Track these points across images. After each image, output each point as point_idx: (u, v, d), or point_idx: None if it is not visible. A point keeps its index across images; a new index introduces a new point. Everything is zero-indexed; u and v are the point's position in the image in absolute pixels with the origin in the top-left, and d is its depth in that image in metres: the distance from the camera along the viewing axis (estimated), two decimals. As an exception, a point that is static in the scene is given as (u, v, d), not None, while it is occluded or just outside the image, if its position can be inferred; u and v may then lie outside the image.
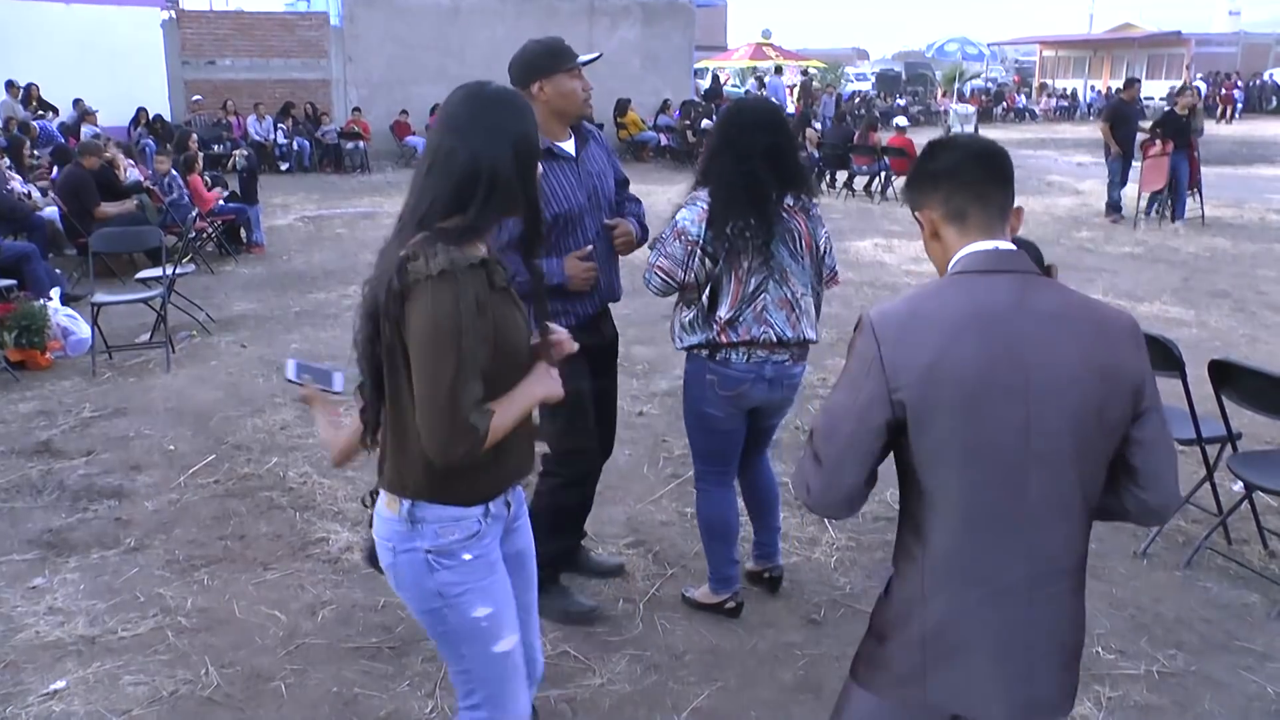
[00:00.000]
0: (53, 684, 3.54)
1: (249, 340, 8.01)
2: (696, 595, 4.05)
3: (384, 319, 2.10)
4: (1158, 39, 43.72)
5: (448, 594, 2.27)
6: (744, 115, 3.62)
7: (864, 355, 1.93)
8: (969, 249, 1.99)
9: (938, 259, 2.07)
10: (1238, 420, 4.47)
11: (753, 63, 34.25)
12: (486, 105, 2.17)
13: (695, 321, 3.59)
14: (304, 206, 15.50)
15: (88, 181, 10.08)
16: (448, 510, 2.24)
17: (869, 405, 1.91)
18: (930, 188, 2.06)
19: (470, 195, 2.12)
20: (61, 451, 5.68)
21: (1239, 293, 9.63)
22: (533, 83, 3.54)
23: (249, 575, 4.31)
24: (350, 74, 22.24)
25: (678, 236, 3.51)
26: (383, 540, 2.30)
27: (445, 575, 2.26)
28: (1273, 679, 3.59)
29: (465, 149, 2.12)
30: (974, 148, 2.10)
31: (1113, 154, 14.24)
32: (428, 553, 2.25)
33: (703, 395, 3.69)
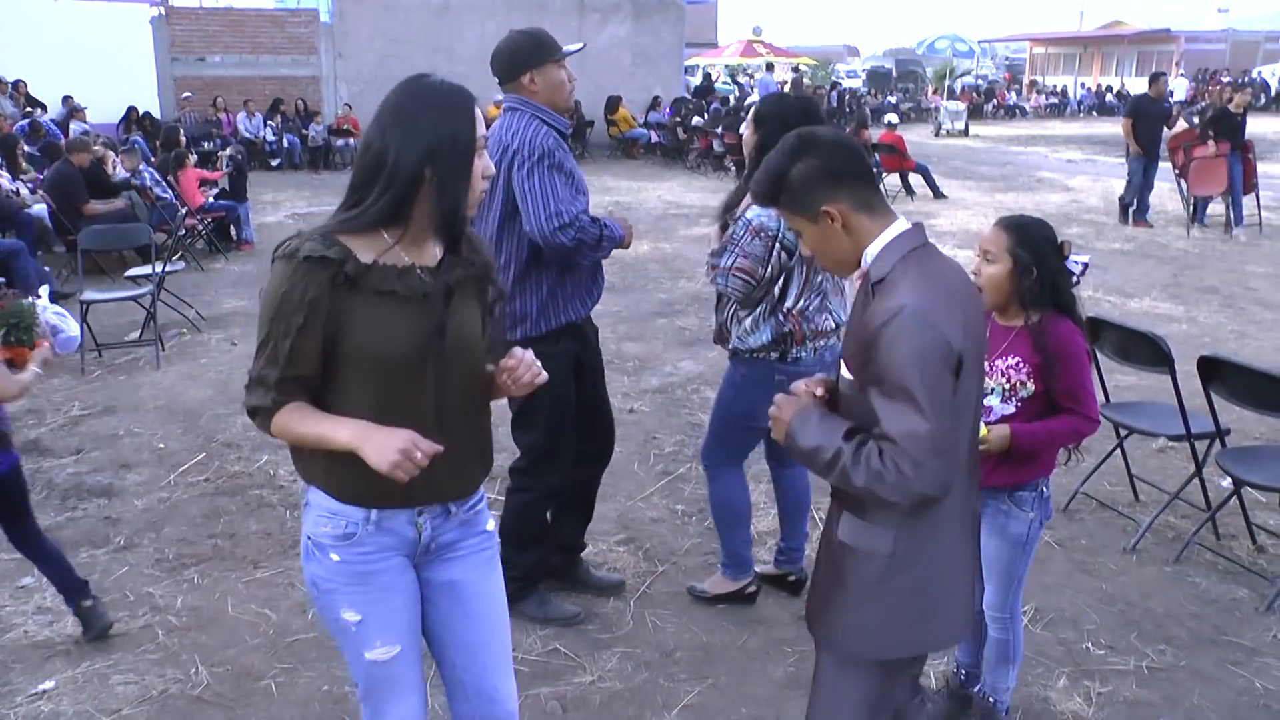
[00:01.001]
0: (41, 684, 3.53)
1: (239, 338, 7.98)
2: (708, 587, 4.05)
3: None
4: (1147, 36, 43.88)
5: (320, 585, 2.24)
6: (801, 111, 3.53)
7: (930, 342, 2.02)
8: (894, 229, 2.16)
9: (845, 250, 2.18)
10: (1226, 416, 4.49)
11: (743, 60, 34.25)
12: (414, 99, 2.08)
13: (760, 318, 3.55)
14: (294, 203, 15.47)
15: (76, 179, 10.03)
16: (325, 500, 2.19)
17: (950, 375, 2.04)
18: (832, 184, 2.14)
19: (368, 187, 2.06)
20: (50, 450, 5.66)
21: (1228, 289, 9.67)
22: (522, 74, 3.51)
23: (239, 573, 4.31)
24: (340, 70, 22.18)
25: (756, 234, 3.43)
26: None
27: (315, 567, 2.23)
28: (1260, 673, 3.60)
29: (379, 140, 2.05)
30: (847, 142, 2.24)
31: (1133, 153, 13.09)
32: (308, 538, 2.24)
33: (764, 397, 3.62)
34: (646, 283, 9.90)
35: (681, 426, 5.96)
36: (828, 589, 2.31)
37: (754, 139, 3.59)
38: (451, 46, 21.59)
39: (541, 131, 3.47)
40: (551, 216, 3.38)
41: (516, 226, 3.49)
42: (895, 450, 2.01)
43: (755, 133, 3.59)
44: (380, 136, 2.05)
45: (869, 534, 2.19)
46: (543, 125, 3.50)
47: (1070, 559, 4.42)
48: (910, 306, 2.00)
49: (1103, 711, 3.40)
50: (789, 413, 2.22)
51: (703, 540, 4.57)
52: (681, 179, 18.03)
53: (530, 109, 3.53)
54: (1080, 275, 3.04)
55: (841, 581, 2.26)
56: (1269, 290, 9.58)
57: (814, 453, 2.15)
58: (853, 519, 2.22)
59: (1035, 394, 2.91)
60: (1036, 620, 3.92)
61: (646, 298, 9.24)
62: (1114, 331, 4.73)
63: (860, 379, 2.12)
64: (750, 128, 3.64)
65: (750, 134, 3.63)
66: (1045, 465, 3.01)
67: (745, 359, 3.64)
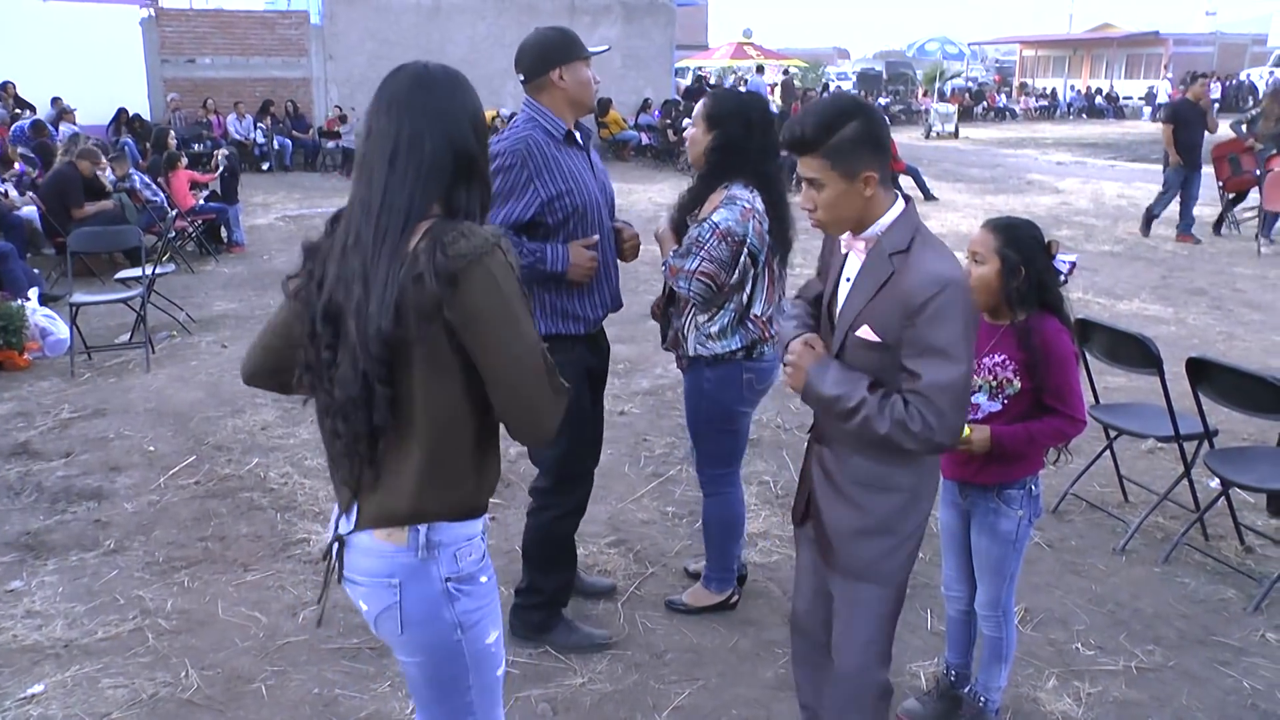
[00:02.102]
0: (31, 688, 3.51)
1: (230, 340, 7.97)
2: (688, 600, 4.02)
3: (422, 319, 1.84)
4: (1136, 39, 44.04)
5: (466, 623, 2.05)
6: (761, 110, 3.55)
7: (972, 311, 2.32)
8: (900, 205, 2.40)
9: (856, 213, 2.35)
10: (1214, 417, 4.51)
11: (734, 62, 34.28)
12: (440, 84, 1.98)
13: (729, 327, 3.52)
14: (285, 205, 15.44)
15: (76, 181, 9.95)
16: (463, 528, 2.02)
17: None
18: (875, 151, 2.32)
19: (454, 181, 1.94)
20: (40, 453, 5.64)
21: (1216, 290, 9.71)
22: (552, 69, 3.36)
23: (229, 576, 4.30)
24: (331, 72, 22.15)
25: (722, 238, 3.37)
26: (378, 579, 2.02)
27: (463, 605, 2.04)
28: (1248, 673, 3.62)
29: (432, 133, 1.92)
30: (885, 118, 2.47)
31: (1172, 162, 12.04)
32: (447, 581, 2.01)
33: (738, 396, 3.66)
34: (637, 284, 9.89)
35: (672, 428, 5.96)
36: (851, 527, 2.52)
37: (708, 139, 3.50)
38: (442, 48, 21.57)
39: (516, 139, 3.30)
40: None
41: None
42: (924, 403, 2.25)
43: (709, 131, 3.50)
44: (429, 128, 1.92)
45: (892, 474, 2.46)
46: (534, 126, 3.35)
47: (1060, 559, 4.43)
48: (957, 280, 2.26)
49: (1092, 712, 3.41)
50: (807, 361, 2.43)
51: (693, 542, 4.58)
52: (672, 181, 18.01)
53: (532, 110, 3.39)
54: (1068, 275, 3.05)
55: (867, 516, 2.50)
56: (1256, 292, 9.63)
57: (834, 400, 2.36)
58: (867, 461, 2.46)
59: (1022, 391, 2.93)
60: (1026, 621, 3.93)
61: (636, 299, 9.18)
62: (1103, 333, 4.75)
63: (887, 338, 2.31)
64: (702, 126, 3.52)
65: (703, 133, 3.52)
66: (1033, 464, 3.03)
67: (710, 363, 3.58)
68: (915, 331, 2.25)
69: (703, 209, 3.49)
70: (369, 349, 1.86)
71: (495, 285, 1.85)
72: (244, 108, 20.34)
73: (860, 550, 2.52)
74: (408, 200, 1.89)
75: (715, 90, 3.79)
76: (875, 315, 2.33)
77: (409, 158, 1.91)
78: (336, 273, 1.92)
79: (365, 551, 2.03)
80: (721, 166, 3.49)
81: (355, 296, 1.87)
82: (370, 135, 1.96)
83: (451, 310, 1.84)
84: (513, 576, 3.88)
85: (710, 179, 3.51)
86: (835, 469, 2.53)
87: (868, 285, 2.36)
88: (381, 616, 2.05)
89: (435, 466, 1.96)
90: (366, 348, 1.86)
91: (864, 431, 2.32)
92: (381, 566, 2.01)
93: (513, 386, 1.91)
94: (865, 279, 2.38)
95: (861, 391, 2.32)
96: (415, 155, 1.91)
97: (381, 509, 2.00)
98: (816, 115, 2.30)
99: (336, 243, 1.95)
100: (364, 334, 1.86)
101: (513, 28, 21.92)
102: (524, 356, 1.90)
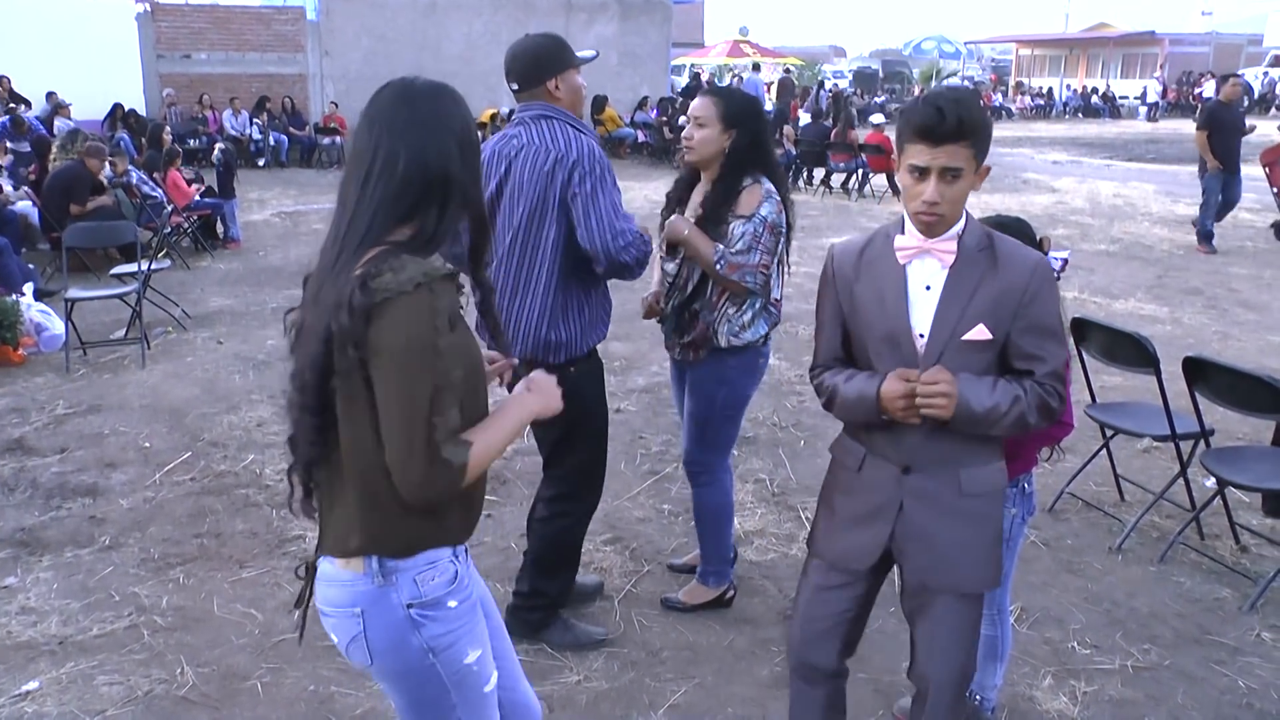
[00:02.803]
0: (25, 685, 3.50)
1: (225, 336, 7.96)
2: (685, 598, 4.01)
3: (339, 348, 1.82)
4: (1132, 39, 44.08)
5: (438, 647, 2.00)
6: (762, 107, 3.63)
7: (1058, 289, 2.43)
8: None
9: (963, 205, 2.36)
10: (1210, 416, 4.51)
11: (730, 60, 34.26)
12: (422, 99, 1.93)
13: (757, 315, 3.59)
14: (281, 201, 15.41)
15: (85, 181, 9.90)
16: (422, 555, 1.98)
17: None
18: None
19: (423, 202, 1.89)
20: (35, 449, 5.62)
21: (1211, 290, 9.72)
22: (548, 79, 3.34)
23: (225, 573, 4.29)
24: (327, 68, 22.12)
25: (771, 230, 3.46)
26: (341, 609, 1.98)
27: (430, 630, 1.99)
28: (1244, 672, 3.63)
29: (408, 151, 1.88)
30: None
31: (1210, 169, 11.49)
32: (409, 607, 1.97)
33: (755, 381, 3.76)
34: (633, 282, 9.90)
35: (668, 426, 5.96)
36: (969, 541, 2.49)
37: (726, 138, 3.49)
38: (438, 45, 21.57)
39: (592, 143, 3.31)
40: (618, 235, 3.24)
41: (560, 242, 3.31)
42: (1057, 380, 2.36)
43: (727, 131, 3.49)
44: (404, 146, 1.88)
45: (992, 475, 2.49)
46: (583, 135, 3.33)
47: (1056, 559, 4.44)
48: (1044, 261, 2.38)
49: (1088, 711, 3.42)
50: (951, 386, 2.32)
51: (689, 540, 4.57)
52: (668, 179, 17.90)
53: (563, 118, 3.34)
54: (1060, 272, 3.06)
55: (983, 527, 2.50)
56: (1252, 292, 9.64)
57: (992, 411, 2.33)
58: (977, 471, 2.46)
59: None
60: (1022, 620, 3.94)
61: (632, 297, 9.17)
62: (1099, 332, 4.75)
63: (997, 334, 2.33)
64: (718, 127, 3.49)
65: (719, 133, 3.50)
66: (1026, 461, 3.03)
67: (734, 351, 3.62)
68: (1030, 318, 2.32)
69: (739, 205, 3.49)
70: (302, 375, 1.87)
71: (401, 327, 1.79)
72: (240, 103, 20.30)
73: (986, 561, 2.51)
74: (368, 223, 1.87)
75: (718, 89, 3.76)
76: (983, 313, 2.33)
77: (380, 178, 1.88)
78: (304, 296, 1.94)
79: (329, 580, 2.00)
80: (747, 163, 3.53)
81: (304, 321, 1.88)
82: (352, 154, 1.94)
83: (360, 346, 1.80)
84: (509, 573, 3.87)
85: (736, 176, 3.52)
86: (943, 491, 2.46)
87: (965, 286, 2.34)
88: (350, 647, 2.02)
89: (370, 500, 1.93)
90: (301, 374, 1.87)
91: (1013, 429, 2.37)
92: (344, 596, 1.98)
93: (390, 435, 1.84)
94: (959, 281, 2.35)
95: (1011, 390, 2.34)
96: (386, 175, 1.88)
97: (335, 538, 1.99)
98: (962, 102, 2.23)
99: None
100: (301, 360, 1.87)
101: (509, 24, 21.90)
102: (405, 409, 1.82)
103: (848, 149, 16.73)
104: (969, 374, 2.34)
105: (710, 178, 3.60)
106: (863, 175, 16.56)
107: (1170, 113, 38.28)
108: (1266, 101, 40.43)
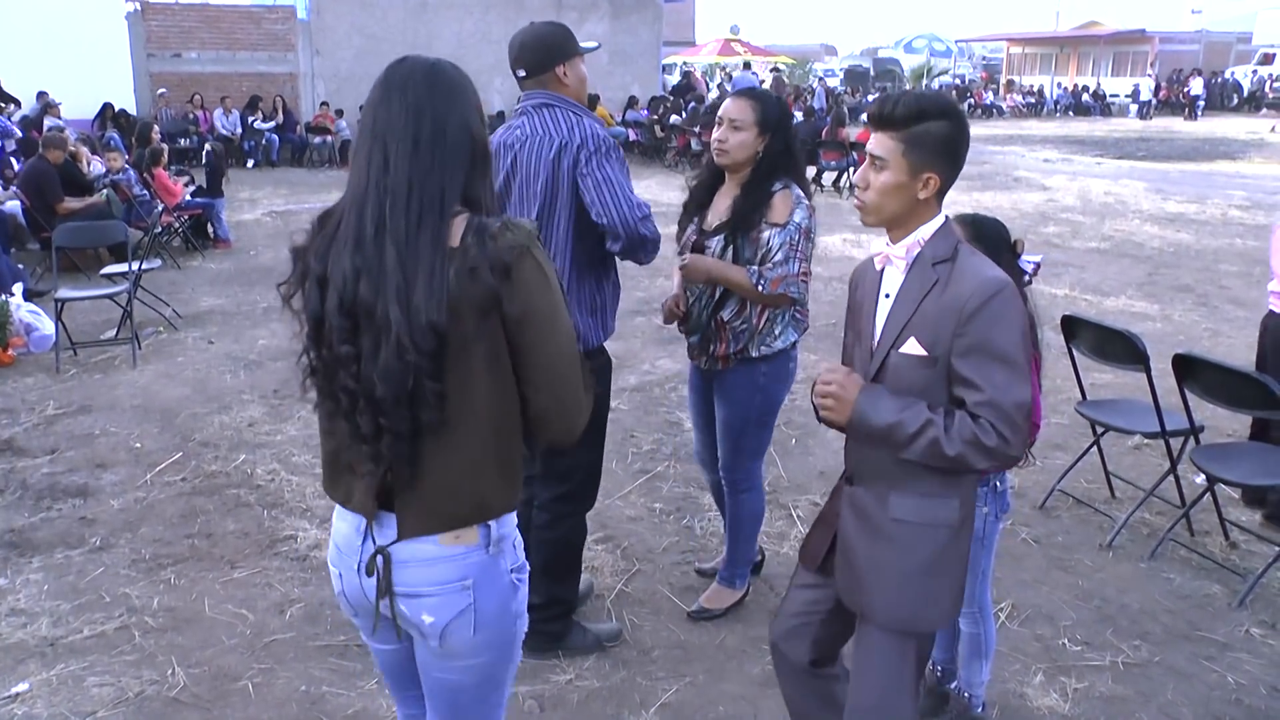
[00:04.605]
0: (15, 687, 3.49)
1: (216, 336, 7.94)
2: (711, 605, 3.95)
3: (477, 314, 1.79)
4: (1122, 37, 44.16)
5: (520, 611, 2.05)
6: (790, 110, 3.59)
7: (1023, 319, 2.19)
8: (942, 217, 2.30)
9: (901, 211, 2.26)
10: (1200, 413, 4.53)
11: (721, 58, 34.27)
12: (449, 74, 1.92)
13: (786, 322, 3.60)
14: (272, 201, 15.37)
15: (51, 175, 9.93)
16: (512, 518, 2.01)
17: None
18: (949, 160, 2.25)
19: (473, 171, 1.89)
20: (24, 450, 5.61)
21: (1202, 287, 9.75)
22: (556, 65, 3.29)
23: (216, 574, 4.28)
24: (318, 67, 22.06)
25: (806, 236, 3.46)
26: (449, 585, 1.93)
27: (522, 590, 2.04)
28: (1233, 668, 3.64)
29: (452, 121, 1.86)
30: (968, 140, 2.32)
31: None
32: (512, 572, 2.00)
33: (786, 386, 3.73)
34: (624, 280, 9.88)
35: (659, 425, 5.96)
36: (886, 567, 2.34)
37: (760, 142, 3.47)
38: (429, 44, 21.52)
39: (595, 126, 3.26)
40: (635, 206, 3.20)
41: (571, 232, 3.27)
42: (996, 414, 2.12)
43: (762, 135, 3.46)
44: (450, 115, 1.87)
45: (933, 507, 2.29)
46: (585, 119, 3.28)
47: (1047, 556, 4.45)
48: (1011, 285, 2.17)
49: (1078, 707, 3.43)
50: (853, 389, 2.27)
51: (680, 539, 4.58)
52: (659, 177, 18.00)
53: (568, 106, 3.30)
54: (1032, 275, 3.07)
55: (906, 557, 2.32)
56: (1241, 289, 9.67)
57: (890, 429, 2.21)
58: (907, 496, 2.29)
59: None
60: (1013, 617, 3.94)
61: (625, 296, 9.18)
62: (1090, 330, 4.77)
63: (935, 351, 2.20)
64: (754, 131, 3.46)
65: (754, 137, 3.46)
66: None
67: (765, 358, 3.59)
68: (969, 339, 2.15)
69: (772, 211, 3.46)
70: (418, 344, 1.77)
71: (544, 277, 1.84)
72: (231, 102, 20.25)
73: (904, 596, 2.33)
74: (439, 187, 1.83)
75: (752, 91, 3.69)
76: (922, 327, 2.22)
77: (434, 144, 1.84)
78: (351, 264, 1.81)
79: (430, 561, 1.92)
80: (780, 168, 3.51)
81: (393, 287, 1.77)
82: (377, 123, 1.86)
83: (510, 303, 1.80)
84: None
85: (768, 181, 3.49)
86: (874, 509, 2.35)
87: (912, 296, 2.26)
88: (454, 624, 1.95)
89: (496, 461, 1.91)
90: (415, 342, 1.77)
91: (928, 458, 2.18)
92: (453, 572, 1.92)
93: (556, 382, 1.89)
94: (908, 291, 2.27)
95: (924, 413, 2.18)
96: (440, 142, 1.84)
97: (437, 512, 1.91)
98: (914, 99, 2.24)
99: (343, 236, 1.85)
100: (414, 327, 1.77)
101: (499, 23, 21.88)
102: (569, 352, 1.90)
103: (839, 147, 16.74)
104: (887, 388, 2.26)
105: (739, 181, 3.54)
106: (854, 173, 16.52)
107: (1160, 110, 38.36)
108: (1256, 99, 40.60)
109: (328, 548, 2.15)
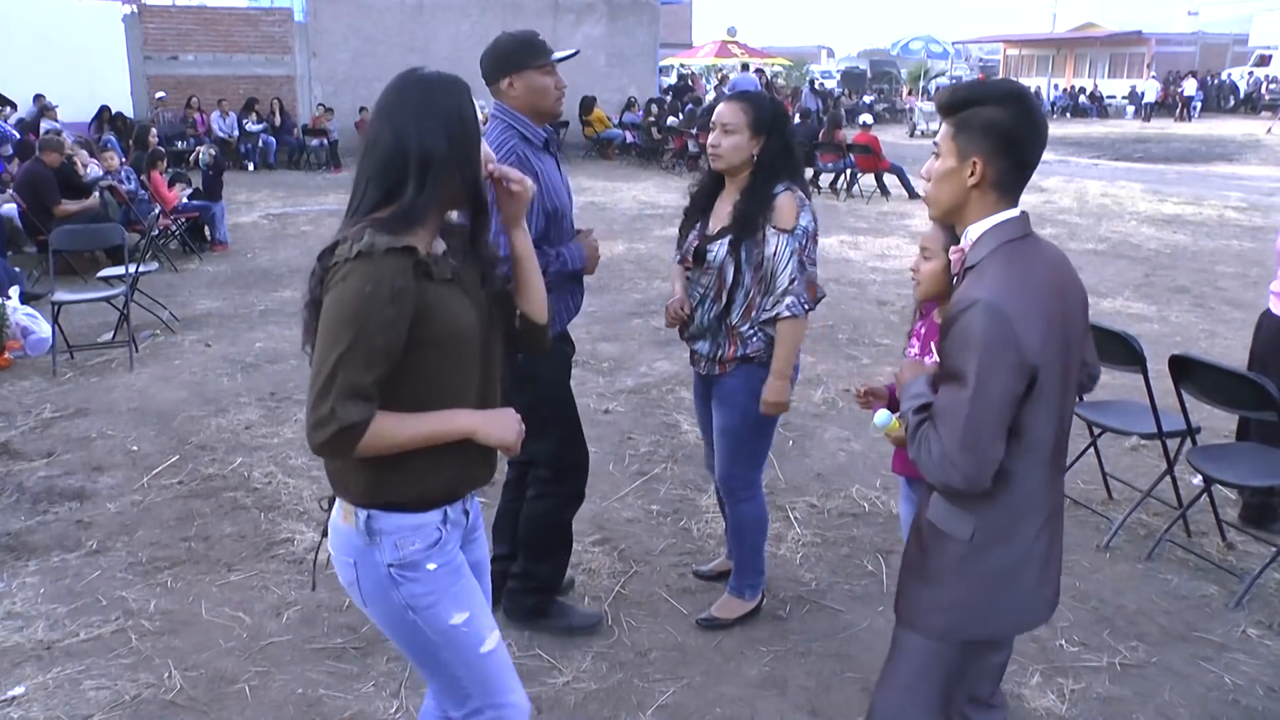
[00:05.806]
0: (11, 690, 3.49)
1: (213, 339, 7.93)
2: (721, 614, 3.91)
3: (309, 308, 2.06)
4: (1119, 38, 44.27)
5: (418, 606, 2.16)
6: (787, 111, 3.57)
7: (996, 338, 2.04)
8: (1001, 215, 2.23)
9: (953, 202, 2.24)
10: (1197, 414, 4.53)
11: (718, 60, 34.28)
12: (415, 86, 2.10)
13: None
14: (269, 204, 15.37)
15: (48, 179, 9.92)
16: (405, 519, 2.13)
17: (1012, 381, 2.07)
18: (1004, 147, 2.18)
19: (400, 180, 2.05)
20: (21, 453, 5.60)
21: (1198, 288, 9.77)
22: (502, 78, 3.38)
23: (213, 577, 4.28)
24: (315, 70, 22.08)
25: (812, 239, 3.47)
26: (341, 555, 2.19)
27: (409, 589, 2.15)
28: (1230, 669, 3.64)
29: (391, 131, 2.06)
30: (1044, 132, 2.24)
31: None
32: (390, 567, 2.14)
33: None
34: (621, 283, 9.90)
35: (657, 427, 5.96)
36: (913, 566, 2.40)
37: (755, 144, 3.44)
38: (426, 46, 21.53)
39: (510, 143, 3.32)
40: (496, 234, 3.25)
41: None
42: (930, 427, 2.14)
43: (756, 137, 3.43)
44: (389, 127, 2.07)
45: (952, 517, 2.28)
46: (514, 135, 3.35)
47: (1043, 557, 4.44)
48: (984, 301, 2.06)
49: (1076, 708, 3.43)
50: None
51: (677, 540, 4.58)
52: (656, 179, 18.03)
53: (508, 118, 3.39)
54: None
55: (926, 560, 2.35)
56: (1238, 290, 9.68)
57: (904, 414, 2.31)
58: (940, 499, 2.30)
59: None
60: (1010, 618, 3.94)
61: (621, 298, 9.24)
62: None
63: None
64: (747, 133, 3.43)
65: (748, 140, 3.44)
66: None
67: (767, 363, 3.56)
68: (941, 352, 2.18)
69: (776, 215, 3.42)
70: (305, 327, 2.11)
71: (338, 287, 1.98)
72: (227, 105, 20.26)
73: (909, 593, 2.40)
74: (360, 197, 2.09)
75: (745, 95, 3.65)
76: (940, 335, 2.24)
77: (369, 156, 2.10)
78: None
79: (333, 526, 2.22)
80: (779, 170, 3.47)
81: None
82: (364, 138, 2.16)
83: (315, 306, 2.04)
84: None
85: (768, 183, 3.45)
86: (923, 504, 2.40)
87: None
88: (349, 587, 2.22)
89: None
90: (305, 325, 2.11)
91: (912, 442, 2.22)
92: (342, 544, 2.19)
93: (310, 382, 2.01)
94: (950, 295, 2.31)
95: (909, 410, 2.25)
96: (374, 153, 2.09)
97: (336, 487, 2.19)
98: (973, 84, 2.23)
99: None
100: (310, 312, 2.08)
101: (496, 26, 21.65)
102: (316, 364, 1.99)
103: (836, 149, 16.76)
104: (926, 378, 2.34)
105: (738, 186, 3.50)
106: (851, 175, 16.58)
107: (1156, 112, 38.41)
108: (1252, 101, 40.66)
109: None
